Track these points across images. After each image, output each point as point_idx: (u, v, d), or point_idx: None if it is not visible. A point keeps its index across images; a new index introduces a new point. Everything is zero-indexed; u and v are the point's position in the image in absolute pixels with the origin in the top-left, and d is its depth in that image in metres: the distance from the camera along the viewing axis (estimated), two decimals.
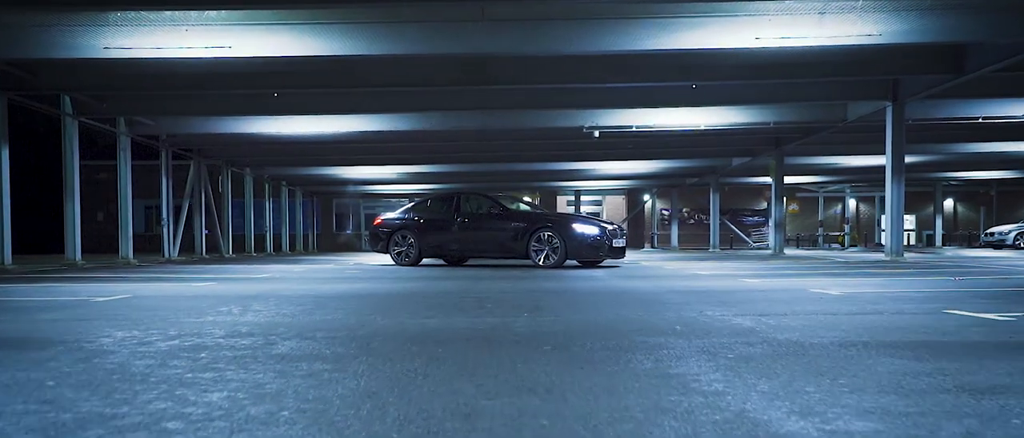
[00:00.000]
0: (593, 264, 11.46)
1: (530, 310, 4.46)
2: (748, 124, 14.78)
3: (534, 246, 10.87)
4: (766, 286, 6.54)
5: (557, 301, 5.10)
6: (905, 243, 37.05)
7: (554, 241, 10.75)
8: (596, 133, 14.85)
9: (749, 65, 11.03)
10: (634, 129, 14.79)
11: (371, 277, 8.46)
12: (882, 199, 36.93)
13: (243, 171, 22.02)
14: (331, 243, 33.87)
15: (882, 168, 23.68)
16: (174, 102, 13.16)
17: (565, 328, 3.56)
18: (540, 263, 10.80)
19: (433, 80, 11.27)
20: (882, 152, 19.78)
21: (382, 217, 12.70)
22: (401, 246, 12.02)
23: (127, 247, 14.34)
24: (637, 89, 12.77)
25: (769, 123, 14.80)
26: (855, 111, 14.27)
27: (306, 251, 29.48)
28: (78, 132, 12.76)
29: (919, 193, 37.10)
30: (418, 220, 12.06)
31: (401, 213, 12.45)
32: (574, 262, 11.21)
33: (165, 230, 16.43)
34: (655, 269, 10.36)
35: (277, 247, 26.82)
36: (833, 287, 6.25)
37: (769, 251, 22.07)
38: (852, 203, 36.70)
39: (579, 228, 10.83)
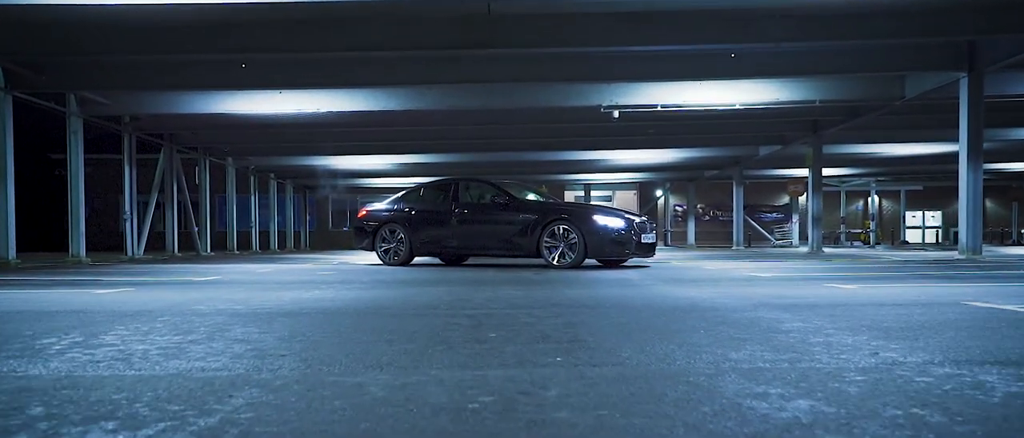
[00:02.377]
0: (616, 264, 9.60)
1: (563, 345, 2.58)
2: (790, 102, 12.80)
3: (546, 242, 9.00)
4: (889, 296, 4.64)
5: (600, 324, 3.22)
6: (929, 241, 35.07)
7: (571, 236, 8.88)
8: (615, 113, 12.91)
9: (800, 16, 9.11)
10: (659, 108, 12.86)
11: (343, 281, 6.59)
12: (908, 193, 34.88)
13: (224, 161, 20.13)
14: (327, 241, 32.01)
15: (925, 158, 21.86)
16: (125, 74, 11.20)
17: (656, 410, 1.66)
18: (554, 262, 8.94)
19: (424, 43, 9.38)
20: (933, 139, 17.99)
21: (368, 208, 10.86)
22: (389, 242, 10.18)
23: (78, 245, 12.47)
24: (666, 57, 10.86)
25: (814, 101, 12.83)
26: (916, 86, 12.31)
27: (298, 249, 27.65)
28: (12, 108, 10.87)
29: (944, 188, 35.04)
30: (409, 212, 10.20)
31: (390, 203, 10.60)
32: (593, 261, 9.35)
33: (128, 226, 14.58)
34: (697, 270, 8.45)
35: (265, 245, 24.97)
36: (989, 297, 4.35)
37: (803, 249, 20.20)
38: (874, 199, 34.60)
39: (601, 220, 8.95)
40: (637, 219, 9.26)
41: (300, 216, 30.42)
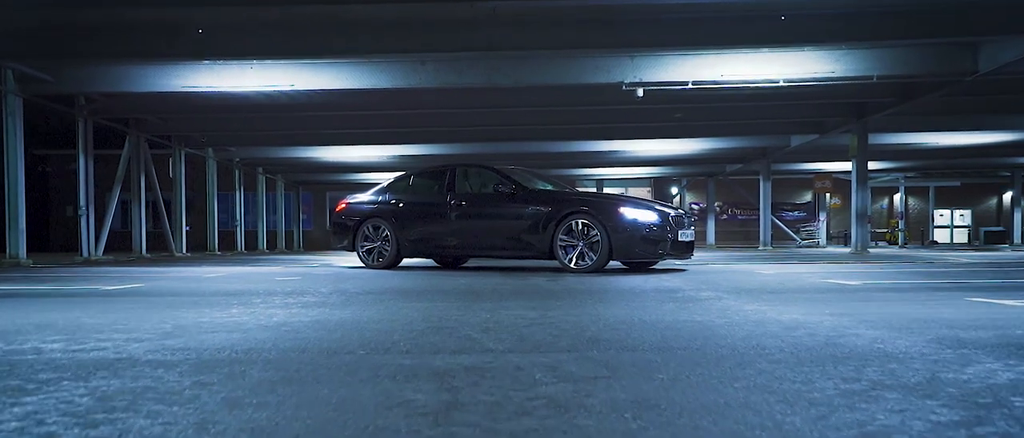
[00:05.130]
0: (646, 266, 7.89)
1: None
2: (843, 78, 10.90)
3: (562, 240, 7.27)
4: None
5: (701, 407, 1.46)
6: (958, 241, 33.06)
7: (592, 233, 7.15)
8: (639, 92, 11.12)
9: None
10: (690, 86, 11.07)
11: (293, 292, 4.88)
12: (937, 190, 32.86)
13: (203, 152, 18.42)
14: (324, 241, 30.31)
15: (971, 150, 19.82)
16: (54, 37, 9.41)
17: None
18: (571, 265, 7.23)
19: None
20: (993, 127, 16.15)
21: (347, 200, 9.15)
22: (372, 241, 8.49)
23: (17, 245, 10.77)
24: (700, 19, 9.11)
25: (871, 77, 10.95)
26: (993, 57, 10.49)
27: (290, 249, 25.99)
28: None
29: (975, 185, 33.03)
30: (396, 204, 8.51)
31: (373, 195, 8.91)
32: (615, 263, 7.64)
33: (83, 222, 12.90)
34: (752, 275, 6.69)
35: (252, 245, 23.29)
36: None
37: (834, 249, 18.42)
38: (903, 196, 32.62)
39: (630, 214, 7.20)
40: (673, 212, 7.52)
41: (292, 214, 28.73)
